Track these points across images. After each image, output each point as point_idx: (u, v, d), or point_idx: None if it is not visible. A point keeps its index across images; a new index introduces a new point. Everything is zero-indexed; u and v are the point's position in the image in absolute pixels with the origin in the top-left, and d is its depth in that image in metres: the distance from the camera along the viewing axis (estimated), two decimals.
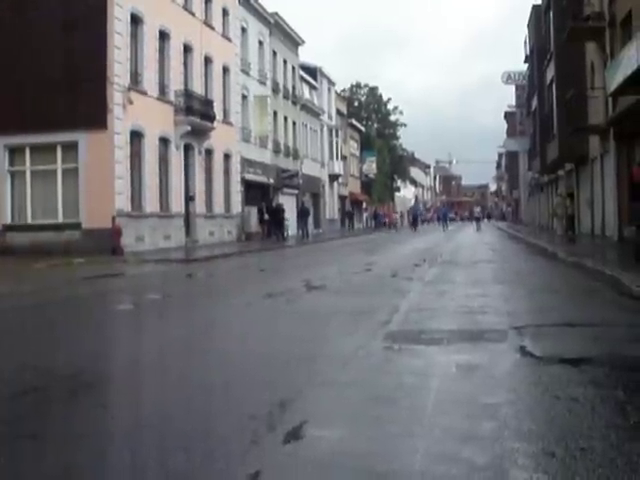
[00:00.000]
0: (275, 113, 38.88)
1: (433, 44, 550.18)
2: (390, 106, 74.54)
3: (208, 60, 29.65)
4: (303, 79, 46.52)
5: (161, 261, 18.96)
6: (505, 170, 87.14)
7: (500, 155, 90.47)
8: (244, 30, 34.41)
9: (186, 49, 27.53)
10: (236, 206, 32.51)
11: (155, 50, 24.96)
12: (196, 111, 26.83)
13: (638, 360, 5.11)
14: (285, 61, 41.59)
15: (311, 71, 48.93)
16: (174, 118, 25.96)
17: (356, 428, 3.65)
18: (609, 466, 2.94)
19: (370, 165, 65.91)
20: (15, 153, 22.78)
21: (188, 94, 26.66)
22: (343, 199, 58.24)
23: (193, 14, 28.09)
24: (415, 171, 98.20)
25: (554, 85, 30.88)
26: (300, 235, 35.75)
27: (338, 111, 57.25)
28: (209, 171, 29.53)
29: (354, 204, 62.01)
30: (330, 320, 7.55)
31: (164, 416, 4.00)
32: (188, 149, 27.53)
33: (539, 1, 37.30)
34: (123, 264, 18.53)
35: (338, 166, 54.32)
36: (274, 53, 39.30)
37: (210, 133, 28.54)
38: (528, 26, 42.51)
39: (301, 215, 37.02)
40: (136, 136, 23.31)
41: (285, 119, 41.22)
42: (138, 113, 22.88)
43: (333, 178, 53.95)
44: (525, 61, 45.98)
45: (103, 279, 14.38)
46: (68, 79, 21.38)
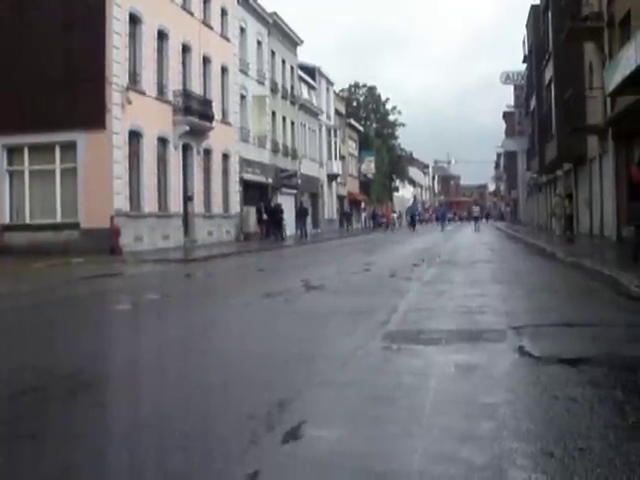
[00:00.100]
0: (274, 113, 38.89)
1: (432, 44, 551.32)
2: (389, 106, 74.83)
3: (207, 60, 29.65)
4: (302, 79, 46.53)
5: (160, 261, 18.95)
6: (504, 170, 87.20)
7: (499, 155, 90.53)
8: (243, 30, 34.42)
9: (185, 49, 27.53)
10: (235, 206, 32.51)
11: (154, 50, 24.96)
12: (195, 111, 26.83)
13: (637, 360, 5.11)
14: (284, 61, 41.59)
15: (310, 71, 48.94)
16: (173, 118, 25.96)
17: (355, 428, 3.65)
18: (607, 466, 2.95)
19: (368, 165, 65.92)
20: (14, 153, 22.77)
21: (187, 94, 26.66)
22: (342, 199, 58.23)
23: (192, 14, 28.08)
24: (414, 171, 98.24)
25: (553, 85, 30.92)
26: (298, 235, 35.75)
27: (337, 111, 57.26)
28: (208, 171, 29.53)
29: (353, 204, 62.01)
30: (329, 320, 7.54)
31: (163, 416, 4.00)
32: (187, 149, 27.53)
33: (538, 1, 37.34)
34: (122, 264, 18.53)
35: (336, 166, 54.31)
36: (273, 53, 39.30)
37: (209, 133, 28.54)
38: (527, 26, 42.54)
39: (299, 215, 37.02)
40: (134, 136, 23.31)
41: (284, 119, 41.23)
42: (137, 113, 22.87)
43: (332, 178, 53.95)
44: (524, 61, 46.00)
45: (101, 279, 14.38)
46: (67, 79, 21.37)
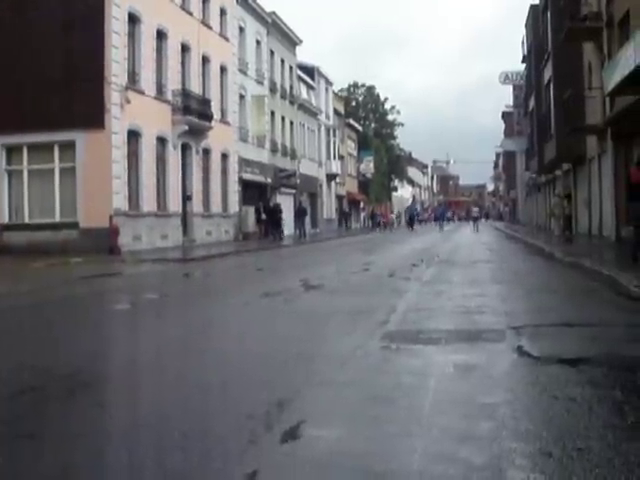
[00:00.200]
0: (272, 113, 38.87)
1: (432, 44, 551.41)
2: (387, 106, 74.81)
3: (206, 59, 29.64)
4: (301, 79, 46.52)
5: (158, 260, 18.94)
6: (502, 170, 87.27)
7: (498, 155, 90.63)
8: (242, 30, 34.40)
9: (184, 48, 27.52)
10: (233, 206, 32.50)
11: (153, 49, 24.95)
12: (194, 110, 26.82)
13: (636, 360, 5.11)
14: (283, 61, 41.58)
15: (309, 71, 48.94)
16: (172, 117, 25.95)
17: (354, 428, 3.65)
18: (606, 466, 2.94)
19: (367, 165, 65.92)
20: (13, 152, 22.76)
21: (185, 93, 26.65)
22: (340, 199, 58.23)
23: (191, 13, 28.07)
24: (412, 171, 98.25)
25: (552, 85, 30.93)
26: (297, 235, 35.74)
27: (336, 111, 57.26)
28: (206, 171, 29.53)
29: (351, 204, 62.02)
30: (328, 320, 7.54)
31: (161, 415, 4.00)
32: (185, 148, 27.52)
33: (537, 1, 37.36)
34: (120, 263, 18.53)
35: (335, 166, 54.31)
36: (272, 53, 39.29)
37: (207, 133, 28.53)
38: (526, 26, 42.57)
39: (298, 215, 37.00)
40: (133, 135, 23.30)
41: (282, 119, 41.21)
42: (136, 112, 22.86)
43: (330, 178, 53.94)
44: (523, 61, 46.01)
45: (100, 278, 14.37)
46: (66, 78, 21.35)
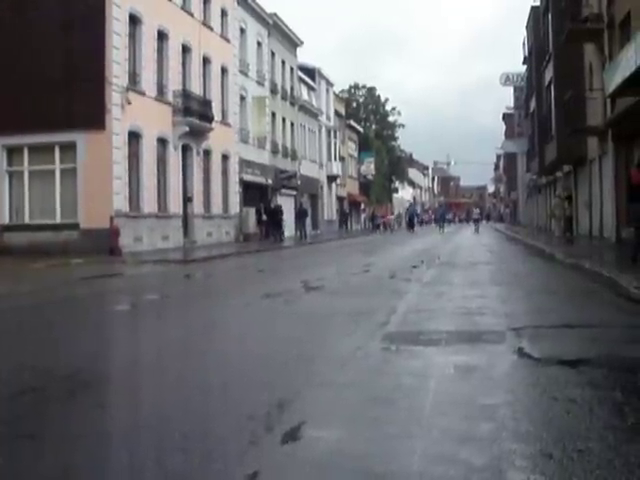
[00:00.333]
0: (273, 114, 38.89)
1: (432, 44, 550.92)
2: (388, 107, 74.89)
3: (206, 61, 29.66)
4: (301, 80, 46.54)
5: (159, 261, 18.94)
6: (503, 171, 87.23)
7: (498, 156, 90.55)
8: (243, 31, 34.42)
9: (184, 49, 27.54)
10: (234, 207, 32.51)
11: (153, 50, 24.96)
12: (194, 112, 26.83)
13: (636, 361, 5.11)
14: (283, 62, 41.60)
15: (309, 72, 48.95)
16: (172, 119, 25.96)
17: (354, 429, 3.65)
18: (606, 467, 2.94)
19: (368, 166, 65.96)
20: (13, 153, 22.79)
21: (186, 95, 26.66)
22: (341, 200, 58.23)
23: (192, 14, 28.09)
24: (413, 172, 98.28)
25: (552, 86, 30.93)
26: (298, 236, 35.75)
27: (336, 112, 57.27)
28: (207, 172, 29.54)
29: (352, 205, 62.02)
30: (328, 321, 7.55)
31: (162, 417, 4.00)
32: (186, 150, 27.53)
33: (538, 2, 37.37)
34: (121, 264, 18.53)
35: (336, 167, 54.32)
36: (272, 54, 39.31)
37: (208, 134, 28.54)
38: (527, 27, 42.57)
39: (299, 216, 37.02)
40: (134, 136, 23.31)
41: (283, 120, 41.23)
42: (136, 114, 22.87)
43: (331, 179, 53.96)
44: (523, 62, 46.01)
45: (101, 279, 14.38)
46: (66, 79, 21.37)
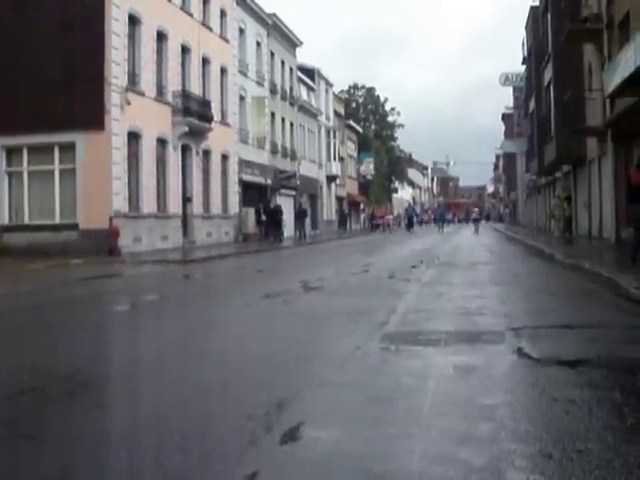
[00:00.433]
0: (273, 114, 38.89)
1: (432, 44, 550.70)
2: (388, 107, 74.94)
3: (206, 61, 29.66)
4: (301, 80, 46.54)
5: (158, 262, 18.93)
6: (503, 172, 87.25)
7: (498, 157, 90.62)
8: (242, 31, 34.42)
9: (184, 50, 27.54)
10: (233, 207, 32.51)
11: (153, 51, 24.96)
12: (194, 112, 26.83)
13: (635, 362, 5.11)
14: (283, 62, 41.60)
15: (309, 72, 48.95)
16: (172, 119, 25.96)
17: (353, 429, 3.65)
18: (606, 468, 2.94)
19: (367, 166, 65.97)
20: (12, 154, 22.77)
21: (186, 95, 26.66)
22: (341, 200, 58.24)
23: (191, 15, 28.09)
24: (412, 172, 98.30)
25: (552, 87, 30.94)
26: (297, 236, 35.75)
27: (336, 112, 57.28)
28: (207, 172, 29.53)
29: (351, 205, 62.02)
30: (327, 321, 7.55)
31: (161, 417, 4.00)
32: (186, 150, 27.53)
33: (537, 3, 37.39)
34: (120, 265, 18.53)
35: (335, 167, 54.32)
36: (272, 54, 39.30)
37: (208, 134, 28.54)
38: (526, 28, 42.60)
39: (298, 216, 37.01)
40: (134, 137, 23.31)
41: (283, 120, 41.23)
42: (136, 114, 22.87)
43: (331, 179, 53.96)
44: (523, 62, 46.03)
45: (100, 280, 14.37)
46: (66, 80, 21.36)
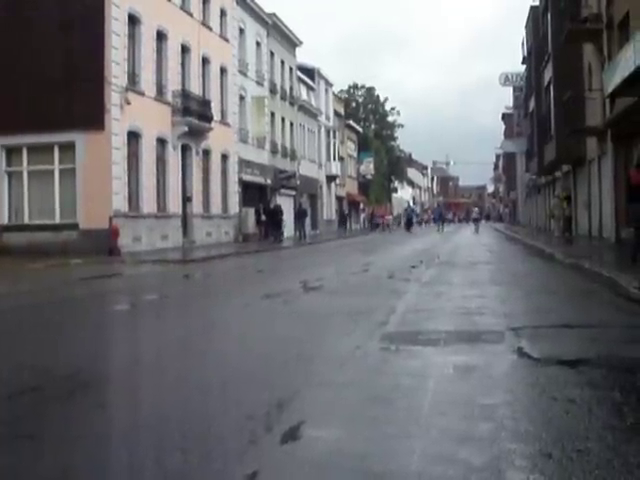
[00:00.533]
0: (272, 114, 38.87)
1: (432, 44, 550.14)
2: (388, 107, 74.93)
3: (206, 61, 29.65)
4: (301, 80, 46.53)
5: (158, 262, 18.93)
6: (502, 171, 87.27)
7: (497, 156, 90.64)
8: (242, 31, 34.41)
9: (184, 50, 27.53)
10: (233, 207, 32.50)
11: (153, 50, 24.95)
12: (194, 112, 26.82)
13: (635, 361, 5.11)
14: (283, 62, 41.58)
15: (309, 72, 48.95)
16: (171, 119, 25.95)
17: (353, 428, 3.65)
18: (606, 467, 2.95)
19: (367, 166, 65.96)
20: (12, 153, 22.76)
21: (185, 95, 26.65)
22: (340, 200, 58.24)
23: (191, 15, 28.08)
24: (412, 172, 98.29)
25: (552, 86, 30.94)
26: (297, 236, 35.74)
27: (335, 112, 57.27)
28: (206, 172, 29.52)
29: (351, 205, 62.02)
30: (327, 321, 7.55)
31: (162, 416, 4.00)
32: (185, 150, 27.52)
33: (537, 3, 37.39)
34: (120, 265, 18.52)
35: (335, 167, 54.31)
36: (272, 54, 39.29)
37: (207, 134, 28.53)
38: (526, 27, 42.60)
39: (298, 216, 37.00)
40: (133, 137, 23.30)
41: (282, 120, 41.22)
42: (135, 114, 22.86)
43: (330, 179, 53.95)
44: (523, 62, 46.02)
45: (100, 280, 14.37)
46: (66, 79, 21.34)
